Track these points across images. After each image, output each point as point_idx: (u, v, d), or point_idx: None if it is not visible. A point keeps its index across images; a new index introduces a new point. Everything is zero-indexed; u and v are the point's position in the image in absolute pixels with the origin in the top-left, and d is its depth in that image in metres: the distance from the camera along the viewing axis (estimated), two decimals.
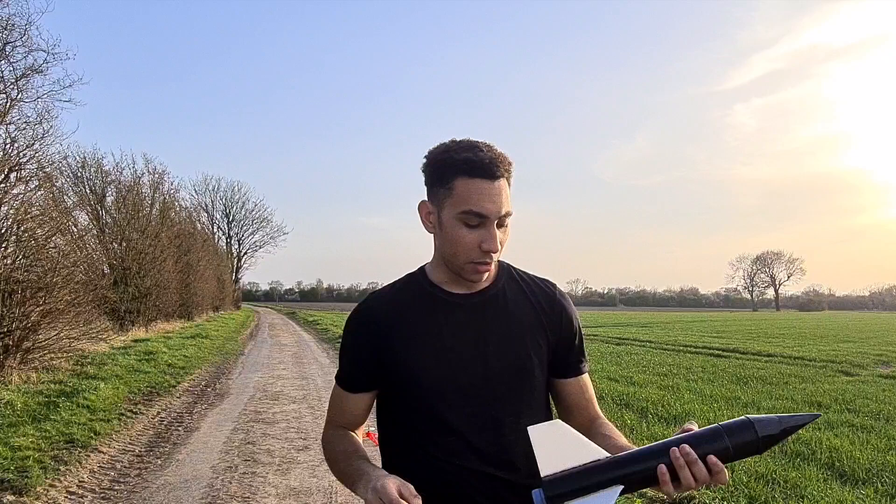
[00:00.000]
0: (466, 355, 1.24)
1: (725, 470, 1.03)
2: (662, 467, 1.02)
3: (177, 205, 25.17)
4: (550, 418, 1.32)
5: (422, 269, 1.35)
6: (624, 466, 1.05)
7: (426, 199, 1.27)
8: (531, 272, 1.39)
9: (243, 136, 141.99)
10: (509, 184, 1.21)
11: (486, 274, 1.24)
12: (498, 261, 1.35)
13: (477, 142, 1.23)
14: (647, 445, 1.09)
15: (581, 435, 1.09)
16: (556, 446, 1.06)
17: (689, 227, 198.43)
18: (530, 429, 1.07)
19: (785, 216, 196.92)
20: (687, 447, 1.02)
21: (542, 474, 1.04)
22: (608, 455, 1.07)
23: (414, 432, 1.24)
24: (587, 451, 1.07)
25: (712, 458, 1.02)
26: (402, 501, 0.99)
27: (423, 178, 1.27)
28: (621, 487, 1.03)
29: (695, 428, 1.07)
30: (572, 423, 1.30)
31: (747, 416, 1.07)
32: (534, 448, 1.06)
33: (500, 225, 1.21)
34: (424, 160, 1.25)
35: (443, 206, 1.21)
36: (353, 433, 1.34)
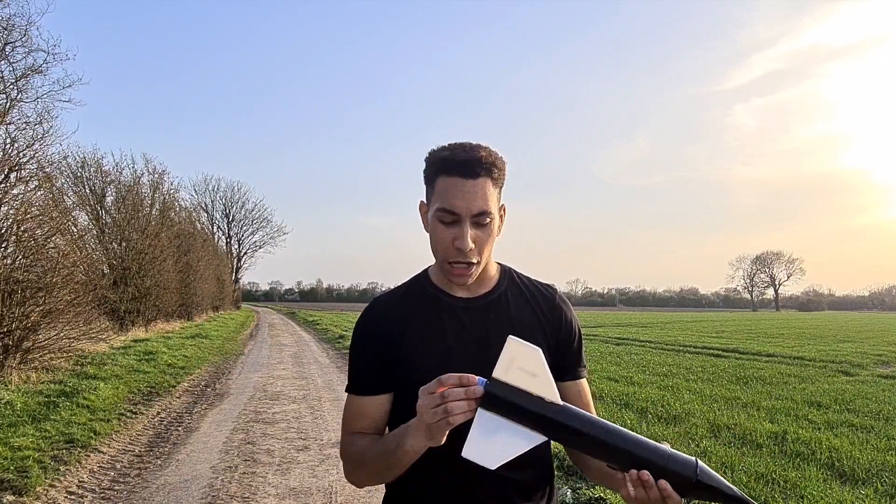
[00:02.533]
0: (470, 358, 1.25)
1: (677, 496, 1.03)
2: (634, 472, 1.03)
3: (177, 205, 25.17)
4: None
5: (425, 271, 1.37)
6: (571, 418, 1.05)
7: (423, 199, 1.30)
8: (533, 277, 1.41)
9: (243, 136, 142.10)
10: (497, 184, 1.23)
11: (467, 278, 1.24)
12: (500, 264, 1.38)
13: (466, 143, 1.24)
14: (606, 425, 1.08)
15: (549, 374, 1.07)
16: (523, 365, 1.05)
17: (689, 227, 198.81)
18: (511, 338, 1.06)
19: (785, 216, 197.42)
20: (646, 473, 1.03)
21: (494, 374, 1.04)
22: (563, 403, 1.07)
23: None
24: (544, 385, 1.06)
25: (663, 483, 1.03)
26: (447, 375, 1.03)
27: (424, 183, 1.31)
28: (545, 438, 1.04)
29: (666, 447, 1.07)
30: None
31: (697, 459, 1.06)
32: (502, 352, 1.05)
33: (479, 225, 1.20)
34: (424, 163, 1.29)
35: (430, 205, 1.25)
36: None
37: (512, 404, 1.04)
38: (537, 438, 1.06)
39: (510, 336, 1.07)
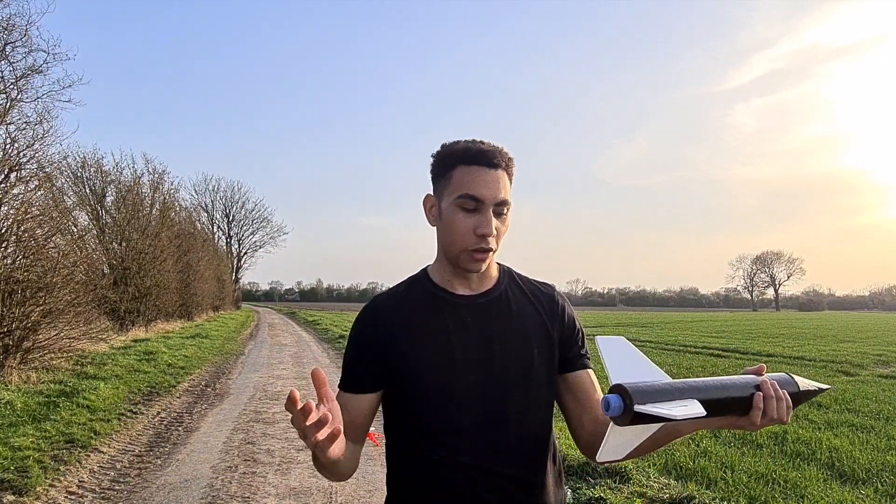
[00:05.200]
0: (473, 355, 1.25)
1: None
2: (759, 395, 1.07)
3: (177, 205, 25.14)
4: (552, 414, 1.34)
5: (424, 270, 1.37)
6: (706, 391, 1.02)
7: (431, 193, 1.31)
8: (531, 276, 1.42)
9: (243, 136, 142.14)
10: (510, 178, 1.25)
11: (484, 264, 1.24)
12: (499, 264, 1.38)
13: (476, 139, 1.27)
14: (718, 378, 1.10)
15: (645, 356, 1.09)
16: (625, 360, 1.05)
17: (689, 227, 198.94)
18: (598, 339, 1.08)
19: (785, 216, 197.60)
20: (775, 383, 1.09)
21: (615, 381, 0.99)
22: (679, 380, 1.03)
23: (421, 433, 1.25)
24: (655, 372, 1.05)
25: (784, 392, 1.09)
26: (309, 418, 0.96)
27: (431, 178, 1.31)
28: (700, 407, 0.97)
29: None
30: (586, 418, 1.31)
31: (787, 373, 1.16)
32: (602, 357, 1.05)
33: (498, 215, 1.23)
34: (431, 159, 1.30)
35: (443, 196, 1.26)
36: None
37: (653, 415, 0.96)
38: (694, 404, 0.99)
39: (597, 338, 1.08)
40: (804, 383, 1.15)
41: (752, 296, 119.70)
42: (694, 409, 0.96)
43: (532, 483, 1.26)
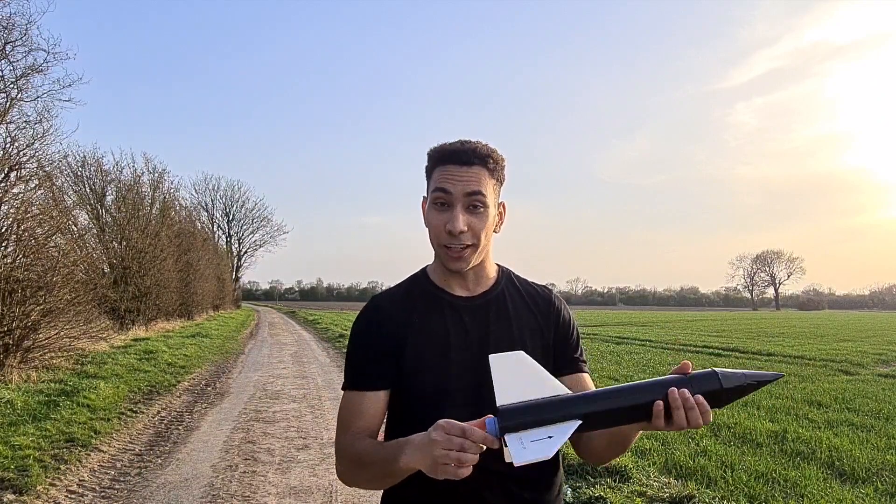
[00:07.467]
0: (469, 356, 1.26)
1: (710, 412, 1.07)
2: (659, 404, 1.05)
3: (177, 204, 25.15)
4: None
5: (424, 270, 1.38)
6: (589, 403, 1.05)
7: (425, 194, 1.33)
8: (530, 279, 1.43)
9: (243, 136, 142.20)
10: (493, 176, 1.26)
11: (462, 262, 1.25)
12: (498, 265, 1.39)
13: (464, 139, 1.28)
14: (614, 387, 1.10)
15: (543, 368, 1.08)
16: (517, 377, 1.05)
17: (689, 226, 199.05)
18: (491, 357, 1.07)
19: (785, 216, 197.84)
20: (684, 391, 1.05)
21: (498, 403, 1.03)
22: (571, 392, 1.08)
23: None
24: (547, 386, 1.06)
25: (699, 398, 1.06)
26: (471, 427, 1.01)
27: None
28: (578, 423, 1.03)
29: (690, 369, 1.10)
30: None
31: (713, 368, 1.10)
32: (493, 376, 1.05)
33: (472, 208, 1.22)
34: None
35: (428, 196, 1.28)
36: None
37: (531, 421, 1.02)
38: (570, 427, 1.04)
39: (490, 356, 1.08)
40: (731, 380, 1.09)
41: (752, 295, 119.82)
42: (554, 443, 0.99)
43: (535, 480, 1.27)
